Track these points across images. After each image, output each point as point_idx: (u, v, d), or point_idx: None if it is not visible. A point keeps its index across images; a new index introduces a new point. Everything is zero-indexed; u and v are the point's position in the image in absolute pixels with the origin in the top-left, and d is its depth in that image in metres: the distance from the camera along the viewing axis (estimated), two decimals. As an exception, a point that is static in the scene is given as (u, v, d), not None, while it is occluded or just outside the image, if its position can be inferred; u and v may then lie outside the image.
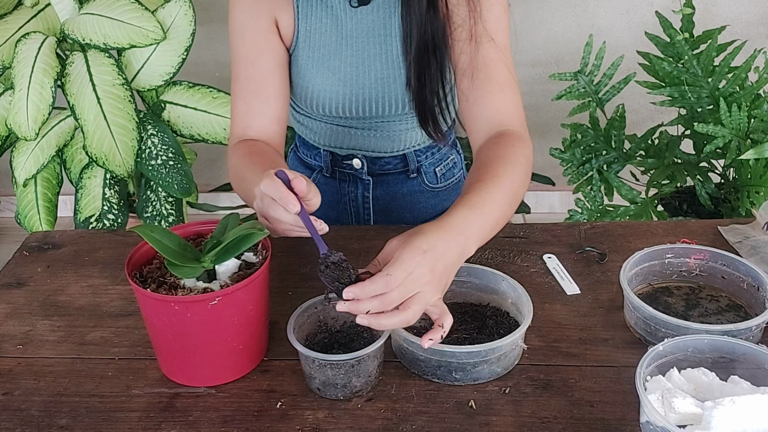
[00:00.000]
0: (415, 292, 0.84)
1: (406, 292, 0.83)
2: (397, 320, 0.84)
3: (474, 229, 0.91)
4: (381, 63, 1.19)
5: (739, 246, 1.14)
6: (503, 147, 1.06)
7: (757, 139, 1.86)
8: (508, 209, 0.99)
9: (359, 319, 0.83)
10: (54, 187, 2.24)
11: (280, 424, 0.86)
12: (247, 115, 1.18)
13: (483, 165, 1.03)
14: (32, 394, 0.93)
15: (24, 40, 2.01)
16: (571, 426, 0.85)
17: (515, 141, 1.07)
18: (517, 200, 1.01)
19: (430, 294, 0.85)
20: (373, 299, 0.82)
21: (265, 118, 1.17)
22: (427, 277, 0.84)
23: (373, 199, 1.36)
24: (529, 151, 1.07)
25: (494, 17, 1.11)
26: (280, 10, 1.17)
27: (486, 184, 0.97)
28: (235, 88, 1.19)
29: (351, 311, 0.83)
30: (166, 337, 0.90)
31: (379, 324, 0.84)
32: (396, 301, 0.83)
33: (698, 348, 0.87)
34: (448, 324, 0.88)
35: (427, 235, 0.87)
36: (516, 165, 1.02)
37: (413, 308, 0.84)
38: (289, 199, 0.86)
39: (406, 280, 0.83)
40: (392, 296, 0.83)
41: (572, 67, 2.36)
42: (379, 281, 0.82)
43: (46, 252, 1.23)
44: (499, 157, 1.03)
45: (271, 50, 1.18)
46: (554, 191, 2.85)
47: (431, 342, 0.87)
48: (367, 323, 0.83)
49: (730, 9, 2.51)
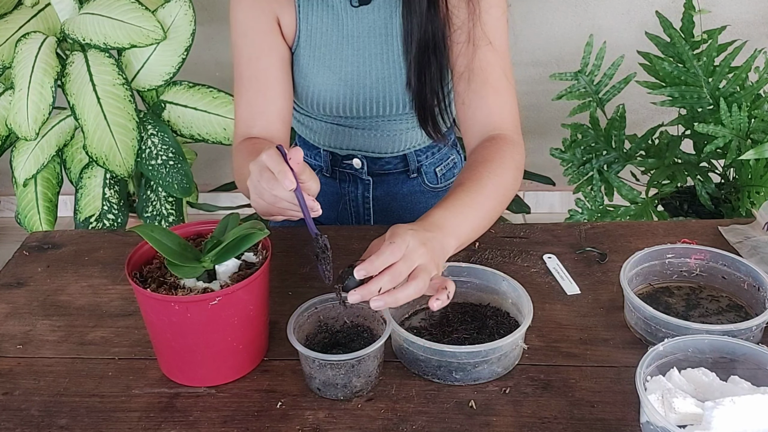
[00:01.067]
0: (417, 263, 0.85)
1: (410, 263, 0.84)
2: (411, 290, 0.84)
3: (451, 228, 0.93)
4: (382, 63, 1.19)
5: (740, 246, 1.14)
6: (493, 151, 1.07)
7: (757, 139, 1.86)
8: (491, 212, 1.01)
9: (374, 303, 0.83)
10: (54, 187, 2.24)
11: (280, 424, 0.86)
12: (251, 114, 1.18)
13: (469, 168, 1.05)
14: (32, 394, 0.93)
15: (24, 40, 2.01)
16: (572, 426, 0.85)
17: (505, 144, 1.08)
18: (504, 202, 1.03)
19: (430, 265, 0.87)
20: (383, 274, 0.83)
21: (269, 117, 1.17)
22: (421, 250, 0.86)
23: (373, 199, 1.36)
24: (519, 155, 1.08)
25: (493, 20, 1.11)
26: (282, 10, 1.18)
27: (467, 188, 0.99)
28: (239, 88, 1.19)
29: (364, 297, 0.83)
30: (166, 337, 0.90)
31: (396, 299, 0.84)
32: (404, 273, 0.84)
33: (698, 348, 0.87)
34: (451, 288, 0.89)
35: (408, 225, 0.89)
36: (504, 168, 1.04)
37: (422, 276, 0.85)
38: (288, 174, 0.87)
39: (407, 251, 0.84)
40: (400, 267, 0.84)
41: (572, 67, 2.36)
42: (385, 251, 0.83)
43: (46, 252, 1.23)
44: (486, 161, 1.04)
45: (274, 49, 1.18)
46: (554, 191, 2.84)
47: (439, 303, 0.88)
48: (383, 303, 0.84)
49: (730, 9, 2.51)
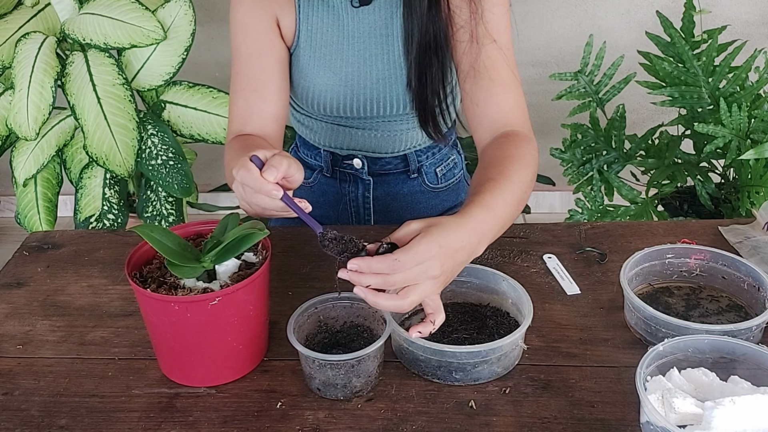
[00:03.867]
0: (417, 282, 0.84)
1: (410, 279, 0.83)
2: (392, 304, 0.84)
3: (486, 231, 0.92)
4: (382, 63, 1.19)
5: (740, 246, 1.14)
6: (512, 147, 1.05)
7: (757, 139, 1.86)
8: (515, 211, 0.99)
9: (357, 290, 0.84)
10: (54, 187, 2.24)
11: (280, 424, 0.86)
12: (246, 112, 1.17)
13: (492, 164, 1.02)
14: (32, 394, 0.93)
15: (24, 40, 2.01)
16: (572, 426, 0.85)
17: (522, 141, 1.07)
18: (524, 202, 1.01)
19: (431, 289, 0.86)
20: (376, 276, 0.82)
21: (263, 116, 1.17)
22: (435, 272, 0.84)
23: (373, 199, 1.36)
24: (535, 152, 1.07)
25: (496, 18, 1.11)
26: (282, 10, 1.17)
27: (498, 185, 0.96)
28: (235, 86, 1.18)
29: (351, 280, 0.83)
30: (166, 337, 0.90)
31: (374, 301, 0.84)
32: (398, 285, 0.83)
33: (698, 348, 0.87)
34: (439, 321, 0.89)
35: (447, 230, 0.86)
36: (525, 167, 1.02)
37: (410, 298, 0.84)
38: (269, 187, 0.85)
39: (414, 268, 0.83)
40: (395, 278, 0.83)
41: (572, 67, 2.36)
42: (386, 262, 0.82)
43: (46, 252, 1.23)
44: (509, 158, 1.03)
45: (272, 49, 1.18)
46: (554, 191, 2.84)
47: (419, 335, 0.88)
48: (363, 296, 0.84)
49: (730, 9, 2.51)
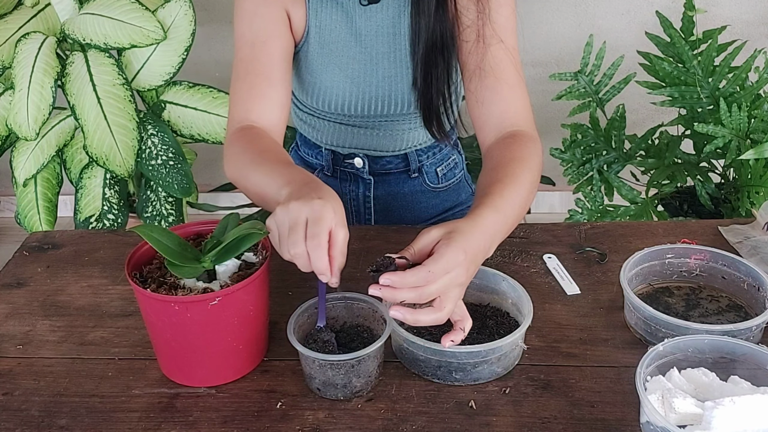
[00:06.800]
0: (447, 291, 0.84)
1: (441, 289, 0.84)
2: (431, 318, 0.84)
3: (496, 232, 0.92)
4: (389, 62, 1.19)
5: (740, 246, 1.14)
6: (518, 148, 1.05)
7: (757, 139, 1.86)
8: (522, 212, 0.99)
9: (393, 312, 0.83)
10: (54, 187, 2.24)
11: (280, 424, 0.86)
12: (250, 97, 1.13)
13: (500, 165, 1.03)
14: (32, 394, 0.93)
15: (24, 40, 2.01)
16: (571, 426, 0.85)
17: (528, 142, 1.07)
18: (529, 203, 1.02)
19: (459, 296, 0.86)
20: (411, 290, 0.82)
21: (268, 102, 1.13)
22: (462, 278, 0.85)
23: (374, 199, 1.36)
24: (540, 152, 1.07)
25: (503, 18, 1.11)
26: (292, 4, 1.16)
27: (507, 186, 0.97)
28: (238, 72, 1.14)
29: (386, 298, 0.83)
30: (166, 337, 0.90)
31: (416, 320, 0.84)
32: (432, 296, 0.83)
33: (698, 348, 0.87)
34: (468, 326, 0.89)
35: (467, 235, 0.87)
36: (531, 169, 1.03)
37: (447, 307, 0.84)
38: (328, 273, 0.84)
39: (444, 277, 0.83)
40: (430, 290, 0.83)
41: (572, 67, 2.36)
42: (420, 274, 0.82)
43: (46, 252, 1.23)
44: (516, 159, 1.03)
45: (280, 37, 1.14)
46: (554, 191, 2.84)
47: (452, 343, 0.88)
48: (401, 317, 0.83)
49: (730, 9, 2.51)
